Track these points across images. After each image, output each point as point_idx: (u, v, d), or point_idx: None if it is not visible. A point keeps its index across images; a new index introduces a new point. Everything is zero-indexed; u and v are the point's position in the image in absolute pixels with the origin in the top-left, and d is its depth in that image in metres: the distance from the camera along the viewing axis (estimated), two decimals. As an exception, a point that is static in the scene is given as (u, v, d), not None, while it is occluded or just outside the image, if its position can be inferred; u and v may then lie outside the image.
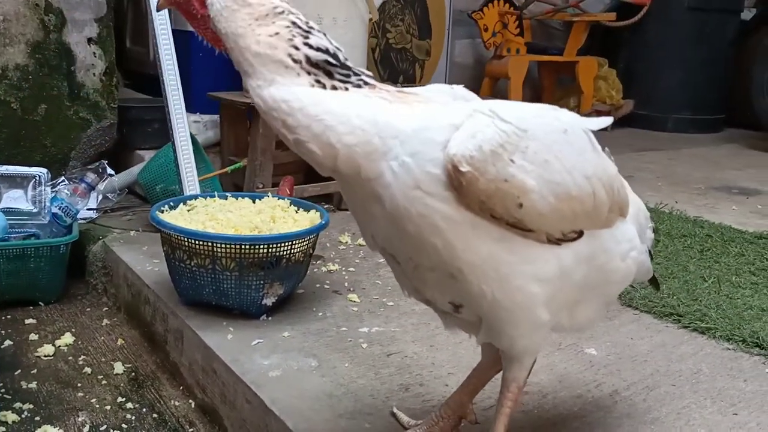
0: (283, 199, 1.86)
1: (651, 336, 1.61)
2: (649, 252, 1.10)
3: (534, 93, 4.85)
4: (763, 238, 2.30)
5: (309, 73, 0.84)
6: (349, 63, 0.87)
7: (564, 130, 0.89)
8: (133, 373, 1.70)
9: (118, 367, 1.70)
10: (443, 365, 1.43)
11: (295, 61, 0.83)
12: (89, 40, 2.45)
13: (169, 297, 1.72)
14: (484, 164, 0.81)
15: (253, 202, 1.85)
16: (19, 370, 1.68)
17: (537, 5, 4.62)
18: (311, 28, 0.86)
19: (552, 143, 0.86)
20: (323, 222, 1.69)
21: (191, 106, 2.72)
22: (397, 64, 4.39)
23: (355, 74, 0.86)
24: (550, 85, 4.79)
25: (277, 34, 0.84)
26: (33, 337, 1.86)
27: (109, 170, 2.42)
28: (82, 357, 1.76)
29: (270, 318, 1.63)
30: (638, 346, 1.56)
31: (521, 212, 0.83)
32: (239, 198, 1.86)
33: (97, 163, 2.43)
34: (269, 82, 0.83)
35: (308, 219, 1.74)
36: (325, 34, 0.88)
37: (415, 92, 0.91)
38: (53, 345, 1.80)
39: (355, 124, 0.82)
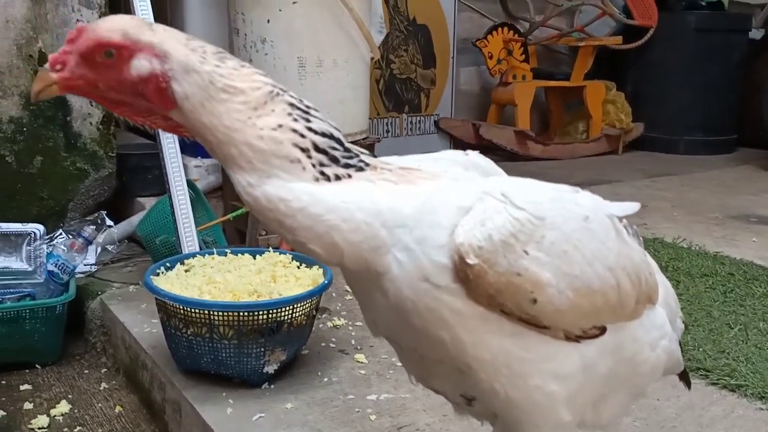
0: (285, 253, 1.79)
1: (678, 396, 1.51)
2: (680, 343, 1.01)
3: (542, 119, 4.79)
4: (789, 275, 2.19)
5: (314, 165, 0.73)
6: (348, 144, 0.78)
7: (585, 216, 0.79)
8: (131, 446, 1.61)
9: (115, 440, 1.62)
10: (457, 439, 1.34)
11: (302, 150, 0.74)
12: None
13: (167, 364, 1.64)
14: (494, 255, 0.73)
15: (254, 258, 1.78)
16: (11, 446, 1.60)
17: (542, 31, 4.57)
18: (308, 107, 0.77)
19: (571, 232, 0.77)
20: (326, 282, 1.61)
21: (192, 150, 2.67)
22: (402, 94, 4.34)
23: (355, 155, 0.78)
24: (557, 111, 4.72)
25: (280, 126, 0.73)
26: (28, 405, 1.77)
27: (108, 221, 2.35)
28: (78, 428, 1.68)
29: (272, 386, 1.54)
30: (665, 408, 1.46)
31: (535, 308, 0.75)
32: (239, 254, 1.79)
33: (96, 214, 2.36)
34: (265, 180, 0.72)
35: (310, 277, 1.66)
36: (320, 114, 0.78)
37: (420, 167, 0.82)
38: (48, 415, 1.72)
39: (358, 219, 0.73)
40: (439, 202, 0.76)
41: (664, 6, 4.55)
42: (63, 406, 1.76)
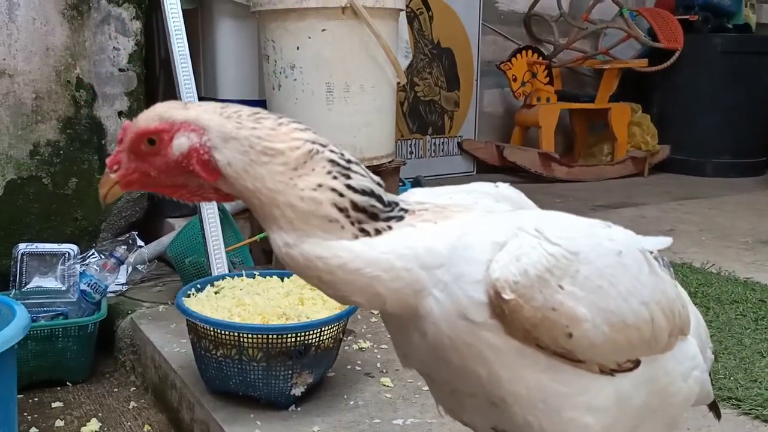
0: (312, 276, 1.80)
1: (709, 426, 1.49)
2: (709, 374, 1.00)
3: (566, 141, 4.78)
4: (822, 303, 2.16)
5: (353, 223, 0.74)
6: (387, 197, 0.78)
7: (618, 251, 0.80)
8: (159, 466, 1.63)
9: (144, 459, 1.64)
10: (484, 466, 1.33)
11: (340, 210, 0.74)
12: (120, 114, 2.47)
13: (196, 384, 1.66)
14: (530, 290, 0.73)
15: (282, 280, 1.80)
16: (44, 463, 1.64)
17: (566, 53, 4.58)
18: (350, 162, 0.77)
19: (605, 267, 0.78)
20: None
21: (220, 173, 2.71)
22: (426, 116, 4.37)
23: (395, 204, 0.78)
24: (582, 133, 4.72)
25: (320, 186, 0.74)
26: (59, 423, 1.81)
27: (139, 242, 2.40)
28: (108, 446, 1.71)
29: (299, 408, 1.55)
30: (696, 438, 1.44)
31: (571, 343, 0.75)
32: (267, 277, 1.81)
33: (127, 235, 2.41)
34: (304, 239, 0.73)
35: (338, 300, 1.67)
36: (362, 167, 0.78)
37: (452, 200, 0.84)
38: (79, 433, 1.75)
39: (398, 266, 0.74)
40: (474, 238, 0.77)
41: (690, 28, 4.54)
42: (93, 425, 1.79)
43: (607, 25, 4.46)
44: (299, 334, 1.50)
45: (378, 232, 0.76)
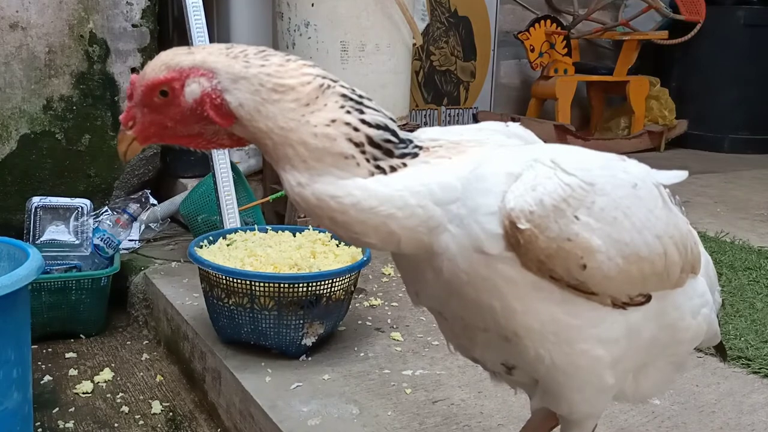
0: (324, 232, 1.81)
1: (718, 383, 1.48)
2: (717, 317, 0.99)
3: (582, 114, 4.72)
4: (838, 272, 2.13)
5: (368, 160, 0.72)
6: (402, 133, 0.76)
7: (633, 184, 0.79)
8: (171, 413, 1.65)
9: (156, 407, 1.66)
10: (492, 415, 1.34)
11: (356, 145, 0.72)
12: (133, 70, 2.46)
13: (208, 334, 1.68)
14: (546, 220, 0.72)
15: (294, 235, 1.80)
16: (57, 408, 1.66)
17: (585, 24, 4.50)
18: (362, 97, 0.75)
19: (620, 199, 0.76)
20: (364, 258, 1.62)
21: (233, 134, 2.71)
22: (441, 86, 4.33)
23: (409, 141, 0.77)
24: (599, 106, 4.65)
25: (333, 121, 0.72)
26: (72, 372, 1.84)
27: (152, 200, 2.41)
28: (121, 394, 1.73)
29: (310, 358, 1.56)
30: (704, 394, 1.44)
31: (584, 274, 0.74)
32: (279, 231, 1.81)
33: (140, 193, 2.43)
34: (316, 178, 0.71)
35: (349, 254, 1.67)
36: (374, 103, 0.76)
37: (464, 137, 0.83)
38: (92, 381, 1.78)
39: (412, 204, 0.73)
40: (488, 169, 0.76)
41: (713, 0, 4.44)
42: (106, 374, 1.82)
43: (628, -5, 4.38)
44: (311, 284, 1.50)
45: (393, 169, 0.74)
